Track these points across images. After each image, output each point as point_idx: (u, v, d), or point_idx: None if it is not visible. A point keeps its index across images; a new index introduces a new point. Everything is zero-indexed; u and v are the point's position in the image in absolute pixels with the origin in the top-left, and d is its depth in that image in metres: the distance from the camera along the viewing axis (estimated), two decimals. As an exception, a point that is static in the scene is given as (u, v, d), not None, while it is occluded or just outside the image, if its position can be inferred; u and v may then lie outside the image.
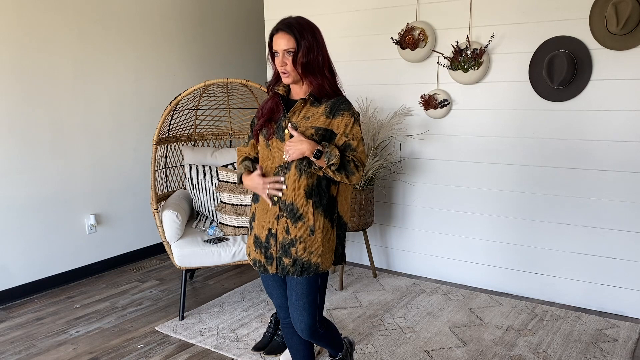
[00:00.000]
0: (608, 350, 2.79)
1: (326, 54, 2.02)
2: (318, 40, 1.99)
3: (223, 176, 3.45)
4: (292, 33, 1.95)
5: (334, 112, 1.99)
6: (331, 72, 2.05)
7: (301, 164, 1.99)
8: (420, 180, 3.74)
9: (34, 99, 3.61)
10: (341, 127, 1.99)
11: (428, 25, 3.45)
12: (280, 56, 1.97)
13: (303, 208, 2.00)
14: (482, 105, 3.41)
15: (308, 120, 2.00)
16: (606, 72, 3.01)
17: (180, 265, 3.19)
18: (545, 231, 3.34)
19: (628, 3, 2.79)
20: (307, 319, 2.08)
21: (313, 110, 2.01)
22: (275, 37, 1.98)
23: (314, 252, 2.01)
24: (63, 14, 3.72)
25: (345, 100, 2.03)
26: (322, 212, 2.02)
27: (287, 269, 2.02)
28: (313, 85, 2.00)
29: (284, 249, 2.02)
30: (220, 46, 4.93)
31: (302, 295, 2.06)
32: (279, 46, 1.96)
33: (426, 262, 3.83)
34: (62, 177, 3.81)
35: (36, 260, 3.71)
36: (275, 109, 2.07)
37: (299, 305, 2.06)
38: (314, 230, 2.00)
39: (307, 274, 2.02)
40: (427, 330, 3.04)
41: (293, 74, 1.98)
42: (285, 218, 2.01)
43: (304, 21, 2.01)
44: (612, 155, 3.07)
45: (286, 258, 2.02)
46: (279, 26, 1.98)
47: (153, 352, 2.89)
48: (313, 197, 2.00)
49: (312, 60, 1.96)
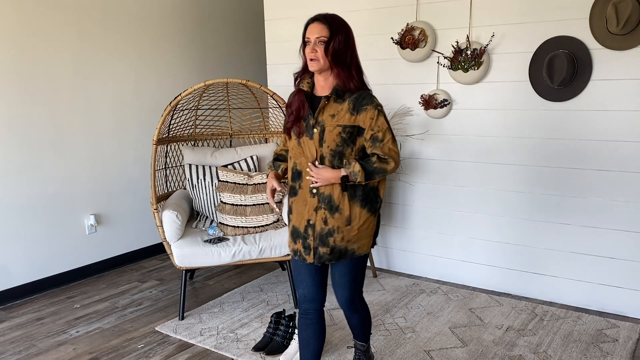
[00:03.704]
0: (608, 350, 2.78)
1: (355, 53, 2.12)
2: (349, 38, 2.10)
3: (223, 176, 3.45)
4: (327, 23, 2.05)
5: (357, 109, 2.08)
6: (358, 70, 2.13)
7: (333, 159, 2.11)
8: (420, 180, 3.74)
9: (34, 99, 3.61)
10: (367, 122, 2.09)
11: (428, 25, 3.45)
12: (311, 44, 2.06)
13: (339, 200, 2.12)
14: (482, 105, 3.41)
15: (334, 119, 2.10)
16: (606, 72, 3.01)
17: (180, 265, 3.19)
18: (545, 231, 3.34)
19: (628, 3, 2.79)
20: (348, 292, 2.26)
21: (337, 107, 2.10)
22: (310, 26, 2.08)
23: (351, 240, 2.15)
24: (63, 14, 3.72)
25: (367, 94, 2.12)
26: (358, 202, 2.14)
27: (323, 258, 2.16)
28: (340, 77, 2.09)
29: (321, 239, 2.15)
30: (220, 46, 4.93)
31: (344, 274, 2.23)
32: (312, 34, 2.06)
33: (426, 262, 3.83)
34: (62, 177, 3.81)
35: (36, 260, 3.71)
36: (301, 107, 2.16)
37: (341, 282, 2.24)
38: (351, 221, 2.14)
39: (344, 259, 2.17)
40: (427, 330, 3.04)
41: (322, 61, 2.05)
42: (323, 210, 2.14)
43: (340, 18, 2.11)
44: (612, 155, 3.07)
45: (323, 247, 2.15)
46: (316, 17, 2.09)
47: (153, 352, 2.89)
48: (348, 189, 2.13)
49: (342, 53, 2.06)
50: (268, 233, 3.33)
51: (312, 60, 2.06)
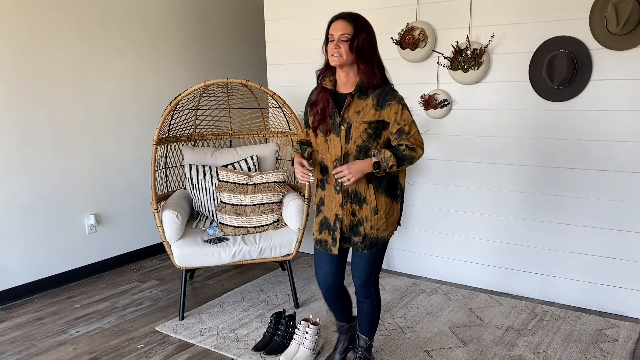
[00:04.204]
0: (608, 350, 2.79)
1: (377, 50, 2.21)
2: (372, 36, 2.19)
3: (223, 176, 3.45)
4: (351, 21, 2.13)
5: (381, 104, 2.17)
6: (380, 67, 2.21)
7: (359, 155, 2.21)
8: (421, 180, 3.74)
9: (34, 99, 3.61)
10: (392, 116, 2.18)
11: (428, 25, 3.45)
12: (335, 41, 2.14)
13: (366, 192, 2.25)
14: (482, 105, 3.41)
15: (359, 115, 2.19)
16: (606, 72, 3.01)
17: (180, 265, 3.19)
18: (545, 231, 3.34)
19: (628, 3, 2.79)
20: (366, 276, 2.37)
21: (362, 103, 2.20)
22: (334, 23, 2.16)
23: (380, 228, 2.29)
24: (64, 14, 3.72)
25: (389, 89, 2.20)
26: (383, 192, 2.26)
27: (357, 246, 2.31)
28: (365, 74, 2.16)
29: (352, 230, 2.30)
30: (220, 46, 4.93)
31: (365, 257, 2.33)
32: (336, 31, 2.14)
33: (426, 262, 3.83)
34: (62, 177, 3.81)
35: (36, 260, 3.71)
36: (326, 106, 2.25)
37: (361, 264, 2.36)
38: (377, 210, 2.26)
39: (375, 248, 2.31)
40: (427, 330, 3.04)
41: (344, 56, 2.13)
42: (349, 204, 2.28)
43: (363, 17, 2.20)
44: (612, 155, 3.07)
45: (355, 237, 2.30)
46: (340, 14, 2.17)
47: (153, 352, 2.89)
48: (374, 181, 2.24)
49: (366, 50, 2.14)
50: (268, 233, 3.33)
51: (333, 55, 2.15)
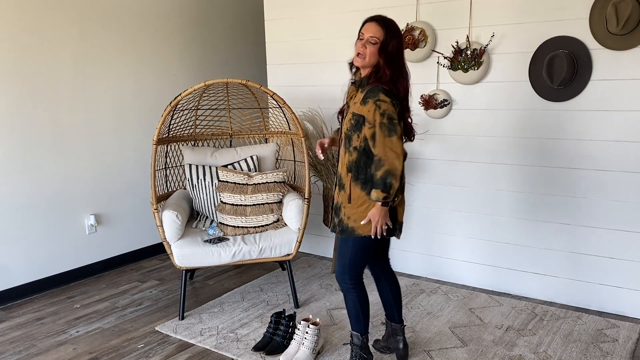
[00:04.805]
0: (608, 350, 2.79)
1: (403, 60, 2.30)
2: (401, 44, 2.27)
3: (223, 176, 3.45)
4: (384, 26, 2.22)
5: (364, 100, 2.24)
6: (401, 72, 2.28)
7: (345, 141, 2.33)
8: (420, 180, 3.74)
9: (34, 99, 3.61)
10: (368, 115, 2.23)
11: (428, 25, 3.45)
12: (363, 40, 2.23)
13: (345, 179, 2.36)
14: (482, 105, 3.41)
15: (352, 106, 2.31)
16: (606, 72, 3.01)
17: (180, 265, 3.19)
18: (545, 231, 3.34)
19: (628, 3, 2.79)
20: (339, 267, 2.45)
21: (359, 95, 2.30)
22: (367, 24, 2.26)
23: (351, 217, 2.34)
24: (64, 14, 3.72)
25: (376, 88, 2.23)
26: (360, 185, 2.31)
27: (335, 227, 2.44)
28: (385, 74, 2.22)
29: (335, 211, 2.45)
30: (220, 46, 4.93)
31: (340, 244, 2.44)
32: (367, 31, 2.23)
33: (426, 262, 3.83)
34: (62, 177, 3.81)
35: (36, 260, 3.71)
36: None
37: (339, 255, 2.46)
38: (351, 199, 2.34)
39: (345, 235, 2.37)
40: (427, 330, 3.04)
41: (368, 58, 2.22)
42: (337, 186, 2.42)
43: (396, 25, 2.28)
44: (612, 155, 3.07)
45: (336, 217, 2.44)
46: (375, 17, 2.27)
47: (153, 352, 2.89)
48: (352, 171, 2.32)
49: (395, 56, 2.23)
50: (268, 233, 3.33)
51: (359, 55, 2.24)
